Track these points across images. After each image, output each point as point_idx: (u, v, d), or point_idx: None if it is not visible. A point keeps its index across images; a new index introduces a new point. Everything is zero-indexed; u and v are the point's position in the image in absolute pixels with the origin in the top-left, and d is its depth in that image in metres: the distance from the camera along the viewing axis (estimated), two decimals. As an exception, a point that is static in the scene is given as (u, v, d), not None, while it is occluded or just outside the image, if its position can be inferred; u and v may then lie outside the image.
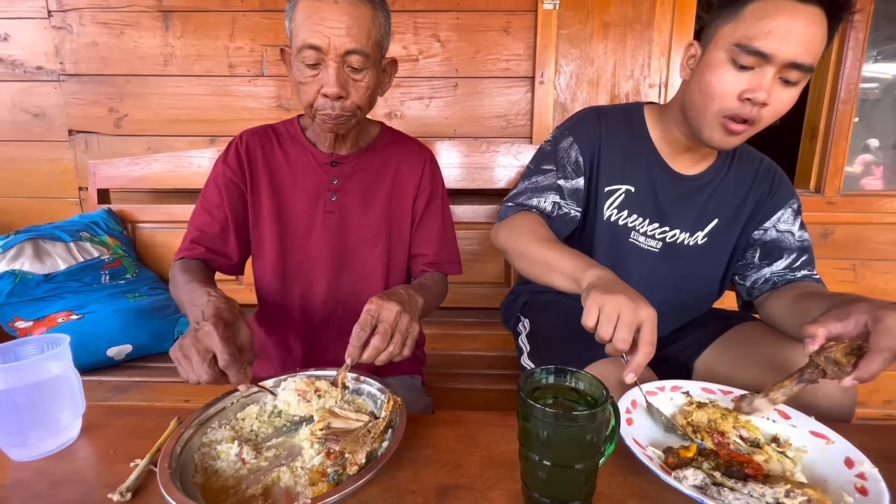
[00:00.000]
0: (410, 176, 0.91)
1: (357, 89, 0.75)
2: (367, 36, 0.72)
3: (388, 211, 0.90)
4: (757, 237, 0.90)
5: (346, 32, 0.70)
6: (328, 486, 0.49)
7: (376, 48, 0.75)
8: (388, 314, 0.62)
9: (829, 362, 0.53)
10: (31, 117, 1.60)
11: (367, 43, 0.73)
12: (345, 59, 0.72)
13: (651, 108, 0.91)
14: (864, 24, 1.44)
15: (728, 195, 0.88)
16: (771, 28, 0.67)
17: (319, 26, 0.70)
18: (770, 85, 0.70)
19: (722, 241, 0.90)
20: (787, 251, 0.88)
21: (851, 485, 0.48)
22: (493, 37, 1.49)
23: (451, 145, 1.48)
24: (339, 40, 0.70)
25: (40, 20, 1.53)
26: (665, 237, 0.88)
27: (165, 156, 1.51)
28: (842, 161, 1.54)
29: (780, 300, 0.83)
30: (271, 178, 0.87)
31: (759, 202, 0.89)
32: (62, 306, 1.23)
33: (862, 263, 1.61)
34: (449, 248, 0.95)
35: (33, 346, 0.60)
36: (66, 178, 1.63)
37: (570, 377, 0.48)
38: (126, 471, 0.52)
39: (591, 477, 0.45)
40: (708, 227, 0.89)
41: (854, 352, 0.54)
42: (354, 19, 0.70)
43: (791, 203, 0.89)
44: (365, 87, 0.76)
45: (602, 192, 0.88)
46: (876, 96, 1.59)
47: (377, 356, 0.61)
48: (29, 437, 0.56)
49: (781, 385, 0.57)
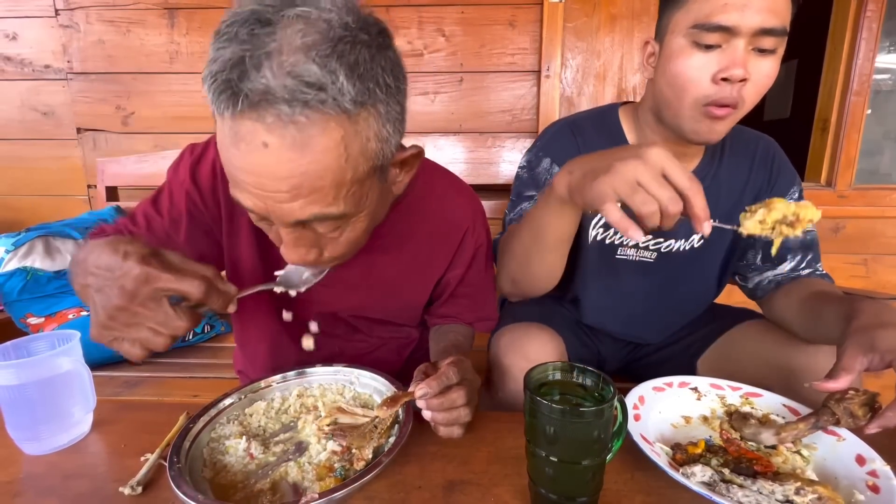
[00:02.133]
0: (444, 245, 0.72)
1: (334, 246, 0.52)
2: (334, 188, 0.44)
3: (401, 288, 0.73)
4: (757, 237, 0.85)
5: (292, 197, 0.44)
6: (335, 481, 0.49)
7: (365, 181, 0.48)
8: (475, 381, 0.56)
9: (846, 413, 0.52)
10: (40, 116, 1.61)
11: (339, 196, 0.45)
12: (305, 224, 0.48)
13: (626, 111, 0.83)
14: (878, 13, 1.41)
15: (722, 192, 0.81)
16: (725, 1, 0.62)
17: (247, 184, 0.44)
18: (744, 58, 0.63)
19: (718, 240, 0.84)
20: (792, 252, 0.82)
21: (863, 482, 0.47)
22: (498, 30, 1.48)
23: (456, 140, 1.48)
24: (283, 209, 0.45)
25: (47, 19, 1.54)
26: (660, 248, 0.82)
27: (173, 153, 1.52)
28: (854, 154, 1.52)
29: (788, 300, 0.78)
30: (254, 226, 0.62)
31: (757, 195, 0.82)
32: (73, 303, 1.24)
33: (874, 258, 1.59)
34: (487, 307, 0.80)
35: (45, 342, 0.61)
36: (74, 175, 1.65)
37: (577, 373, 0.48)
38: (136, 465, 0.52)
39: (598, 473, 0.45)
40: None
41: (869, 403, 0.52)
42: (303, 173, 0.42)
43: (792, 192, 0.83)
44: (345, 243, 0.52)
45: (586, 213, 0.77)
46: (889, 87, 1.56)
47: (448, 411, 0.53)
48: (41, 431, 0.57)
49: (795, 427, 0.54)
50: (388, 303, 0.76)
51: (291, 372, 0.67)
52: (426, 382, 0.52)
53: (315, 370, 0.68)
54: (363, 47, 0.42)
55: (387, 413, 0.54)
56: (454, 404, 0.53)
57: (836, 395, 0.53)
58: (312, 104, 0.40)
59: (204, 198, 0.65)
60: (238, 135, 0.42)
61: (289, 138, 0.41)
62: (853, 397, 0.52)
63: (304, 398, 0.64)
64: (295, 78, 0.39)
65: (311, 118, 0.41)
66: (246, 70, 0.39)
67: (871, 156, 1.58)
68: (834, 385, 0.52)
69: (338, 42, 0.40)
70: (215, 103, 0.42)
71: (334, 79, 0.40)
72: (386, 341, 0.85)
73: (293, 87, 0.39)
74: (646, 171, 0.47)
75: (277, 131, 0.41)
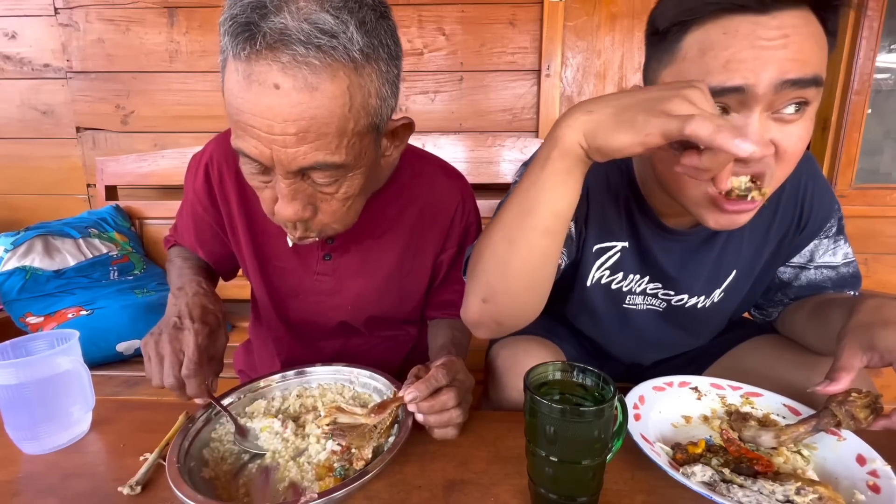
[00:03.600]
0: (434, 226, 0.72)
1: (329, 204, 0.53)
2: (338, 136, 0.47)
3: (399, 273, 0.74)
4: (786, 278, 0.73)
5: (298, 141, 0.45)
6: (335, 480, 0.49)
7: (364, 136, 0.50)
8: (467, 381, 0.56)
9: (848, 415, 0.51)
10: (40, 115, 1.61)
11: (340, 145, 0.47)
12: (304, 173, 0.50)
13: None
14: (879, 13, 1.41)
15: (745, 238, 0.68)
16: (727, 57, 0.46)
17: (254, 129, 0.46)
18: (762, 126, 0.47)
19: (741, 290, 0.73)
20: (826, 290, 0.71)
21: (863, 482, 0.47)
22: (498, 29, 1.48)
23: (456, 139, 1.47)
24: (288, 153, 0.46)
25: (47, 17, 1.54)
26: (671, 300, 0.72)
27: (172, 152, 1.51)
28: (854, 153, 1.52)
29: (800, 313, 0.71)
30: (249, 223, 0.69)
31: (785, 235, 0.69)
32: (72, 302, 1.24)
33: (874, 257, 1.59)
34: None
35: (44, 341, 0.61)
36: (74, 175, 1.65)
37: (577, 373, 0.48)
38: (136, 464, 0.52)
39: (598, 473, 0.45)
40: (725, 283, 0.70)
41: (871, 405, 0.52)
42: (311, 117, 0.45)
43: (828, 229, 0.69)
44: (341, 200, 0.53)
45: (591, 251, 0.69)
46: (890, 87, 1.55)
47: (439, 413, 0.53)
48: (41, 430, 0.56)
49: (795, 430, 0.53)
50: (389, 290, 0.75)
51: (291, 371, 0.67)
52: (415, 386, 0.53)
53: (314, 370, 0.67)
54: (369, 9, 0.46)
55: (375, 420, 0.54)
56: (445, 406, 0.53)
57: (837, 397, 0.52)
58: (325, 49, 0.43)
59: (204, 202, 0.71)
60: (251, 76, 0.44)
61: (300, 80, 0.44)
62: (855, 399, 0.51)
63: (303, 398, 0.64)
64: (311, 24, 0.43)
65: (323, 63, 0.44)
66: (267, 12, 0.43)
67: (871, 155, 1.58)
68: (834, 387, 0.51)
69: (348, 0, 0.45)
70: (232, 45, 0.45)
71: (345, 29, 0.44)
72: (385, 340, 0.85)
73: (309, 31, 0.43)
74: (704, 99, 0.40)
75: (291, 72, 0.44)
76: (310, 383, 0.67)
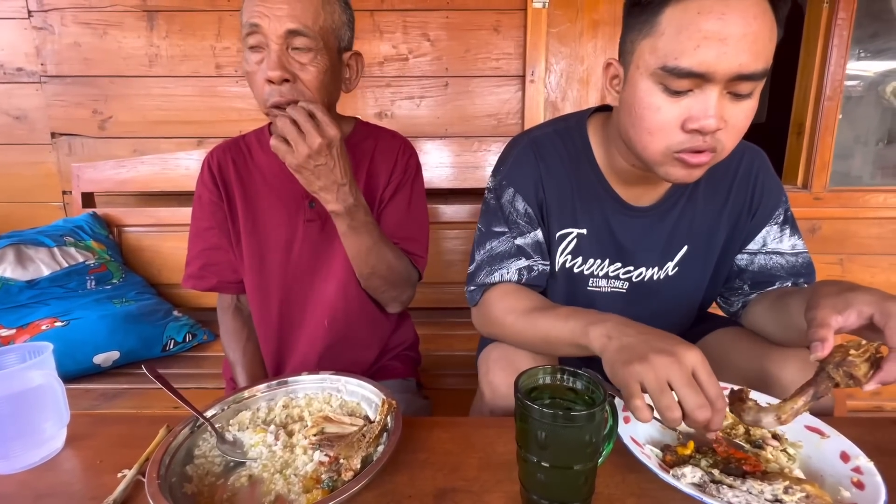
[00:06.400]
0: (383, 168, 0.87)
1: (305, 72, 0.71)
2: (312, 17, 0.70)
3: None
4: (743, 265, 0.78)
5: (289, 12, 0.68)
6: (323, 493, 0.48)
7: (328, 34, 0.72)
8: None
9: (847, 376, 0.48)
10: (12, 120, 1.56)
11: (314, 24, 0.70)
12: (287, 42, 0.69)
13: (596, 124, 0.76)
14: (848, 21, 1.46)
15: (697, 217, 0.76)
16: (698, 40, 0.53)
17: (260, 7, 0.68)
18: (718, 106, 0.56)
19: (695, 267, 0.78)
20: (780, 279, 0.76)
21: (848, 479, 0.48)
22: (483, 35, 1.49)
23: (442, 144, 1.47)
24: (280, 20, 0.68)
25: (20, 20, 1.49)
26: (631, 277, 0.77)
27: (152, 158, 1.48)
28: (828, 157, 1.56)
29: (760, 306, 0.76)
30: (245, 193, 0.85)
31: (738, 220, 0.76)
32: (46, 313, 1.20)
33: (849, 258, 1.63)
34: (412, 226, 0.88)
35: (15, 354, 0.58)
36: (49, 181, 1.60)
37: (567, 377, 0.47)
38: (114, 482, 0.50)
39: (590, 477, 0.44)
40: (677, 257, 0.77)
41: (870, 359, 0.49)
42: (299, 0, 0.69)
43: (776, 216, 0.77)
44: (315, 72, 0.71)
45: (554, 238, 0.76)
46: (859, 93, 1.61)
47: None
48: (11, 448, 0.54)
49: (794, 403, 0.49)
50: None
51: (275, 381, 0.65)
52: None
53: (300, 378, 0.66)
54: None
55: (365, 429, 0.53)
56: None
57: (834, 359, 0.49)
58: None
59: (211, 192, 0.86)
60: None
61: None
62: (854, 359, 0.48)
63: (289, 409, 0.63)
64: None
65: None
66: None
67: (844, 159, 1.63)
68: (828, 346, 0.49)
69: None
70: None
71: None
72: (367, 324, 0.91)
73: None
74: (679, 372, 0.47)
75: None
76: (296, 393, 0.65)
